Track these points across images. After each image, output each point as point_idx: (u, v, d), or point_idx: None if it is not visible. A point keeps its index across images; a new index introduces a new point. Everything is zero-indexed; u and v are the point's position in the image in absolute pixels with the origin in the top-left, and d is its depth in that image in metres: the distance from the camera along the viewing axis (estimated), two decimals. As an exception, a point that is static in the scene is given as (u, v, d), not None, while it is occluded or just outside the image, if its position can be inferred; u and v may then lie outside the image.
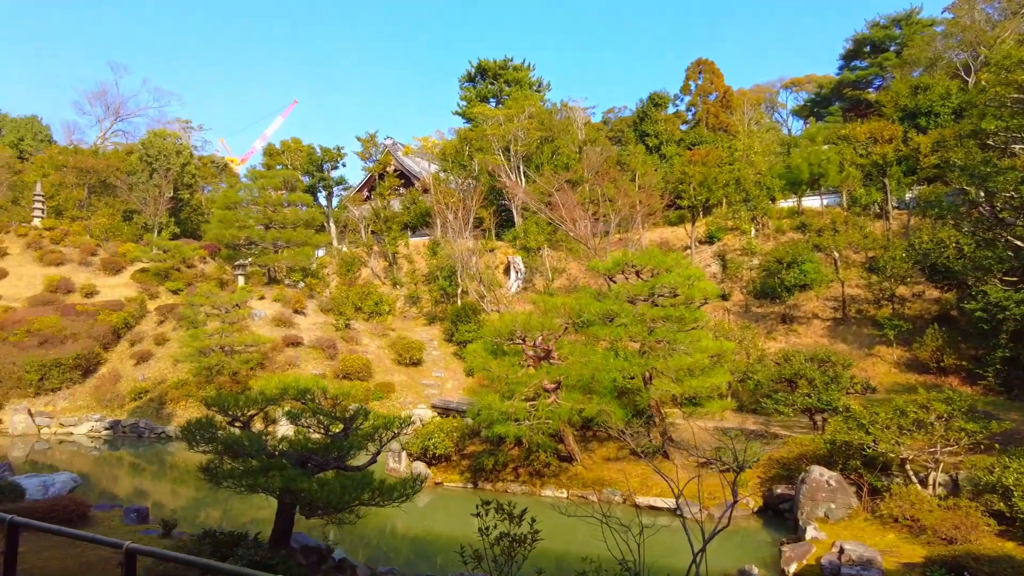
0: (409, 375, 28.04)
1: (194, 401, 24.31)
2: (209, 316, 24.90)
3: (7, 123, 75.23)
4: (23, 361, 25.39)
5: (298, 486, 7.55)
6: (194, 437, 9.33)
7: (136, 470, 21.96)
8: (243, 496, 18.60)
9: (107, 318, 29.20)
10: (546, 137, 46.94)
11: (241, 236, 30.45)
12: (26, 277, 34.10)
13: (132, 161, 50.80)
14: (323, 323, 30.71)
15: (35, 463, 22.76)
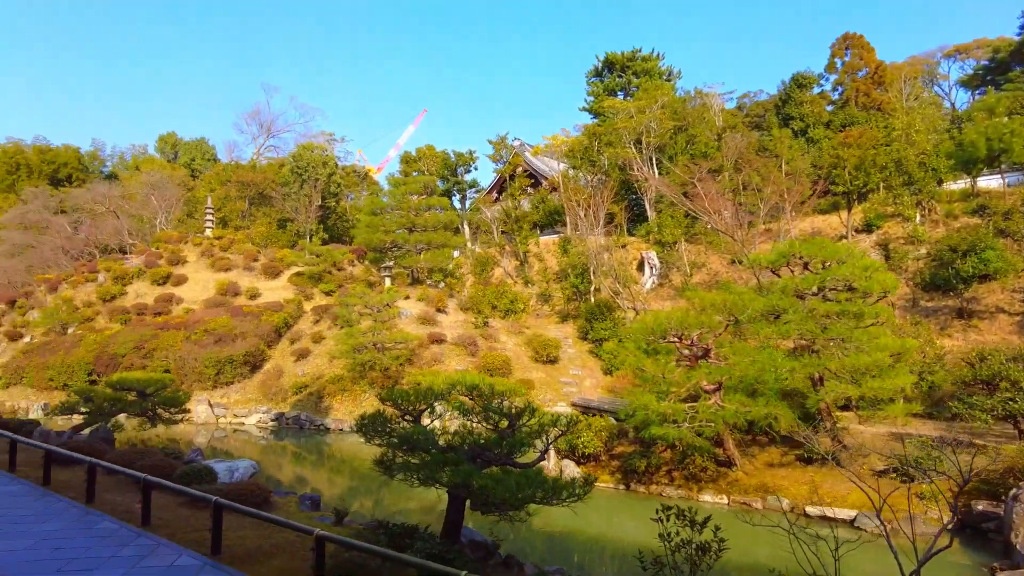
0: (547, 372, 28.00)
1: (349, 395, 25.75)
2: (362, 315, 26.28)
3: (181, 146, 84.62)
4: (203, 357, 28.17)
5: (477, 482, 7.51)
6: (368, 431, 9.64)
7: (298, 459, 23.56)
8: (392, 486, 19.35)
9: (269, 318, 31.73)
10: (679, 127, 45.30)
11: (387, 240, 31.94)
12: (201, 282, 37.98)
13: (284, 173, 55.09)
14: (463, 321, 31.48)
15: (214, 449, 25.12)
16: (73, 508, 11.19)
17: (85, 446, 15.51)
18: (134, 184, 60.39)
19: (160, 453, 15.51)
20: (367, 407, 25.31)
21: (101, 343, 30.22)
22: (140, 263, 39.63)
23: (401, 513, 17.42)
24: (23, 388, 30.21)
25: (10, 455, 14.29)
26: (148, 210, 56.82)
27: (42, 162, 76.29)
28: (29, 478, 13.54)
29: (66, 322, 34.50)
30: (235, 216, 50.50)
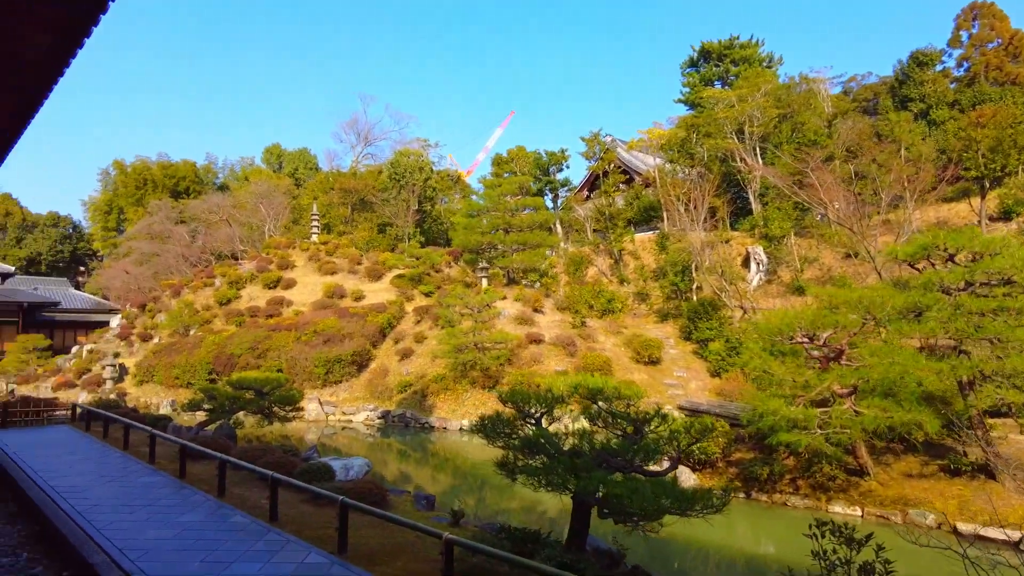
0: (649, 374, 27.15)
1: (451, 394, 26.01)
2: (462, 316, 26.50)
3: (285, 156, 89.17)
4: (313, 357, 29.34)
5: (612, 490, 7.12)
6: (489, 432, 9.46)
7: (403, 456, 23.99)
8: (492, 486, 19.24)
9: (374, 319, 32.66)
10: (784, 114, 43.00)
11: (483, 241, 32.10)
12: (309, 285, 39.73)
13: (383, 179, 56.87)
14: (559, 321, 31.13)
15: (324, 446, 26.04)
16: (207, 501, 11.70)
17: (212, 442, 16.37)
18: (244, 194, 64.10)
19: (279, 451, 16.13)
20: (468, 406, 25.48)
21: (219, 344, 32.11)
22: (252, 268, 41.96)
23: (503, 513, 17.31)
24: (153, 385, 32.60)
25: (150, 448, 15.25)
26: (257, 218, 60.15)
27: (164, 177, 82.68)
28: (166, 470, 14.35)
29: (188, 324, 36.99)
30: (338, 222, 52.59)
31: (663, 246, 41.53)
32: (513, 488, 19.43)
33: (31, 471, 13.69)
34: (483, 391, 25.77)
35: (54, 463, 14.58)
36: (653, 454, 8.18)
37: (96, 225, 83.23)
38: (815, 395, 12.85)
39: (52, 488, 12.11)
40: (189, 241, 62.59)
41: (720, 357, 27.52)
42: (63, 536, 9.37)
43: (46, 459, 15.06)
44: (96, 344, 38.36)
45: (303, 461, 15.46)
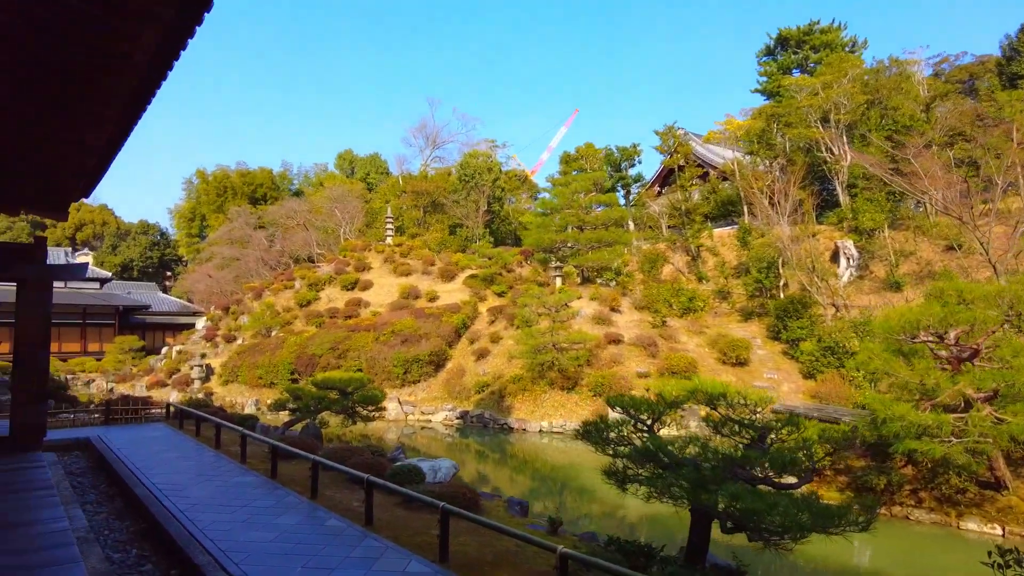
0: (737, 376, 25.88)
1: (529, 395, 25.55)
2: (540, 316, 26.00)
3: (357, 162, 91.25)
4: (391, 357, 29.52)
5: (748, 505, 6.40)
6: (594, 438, 8.88)
7: (481, 457, 23.67)
8: (572, 488, 18.59)
9: (449, 319, 32.62)
10: (872, 100, 40.50)
11: (556, 239, 31.50)
12: (385, 286, 40.22)
13: (452, 181, 57.18)
14: (638, 320, 30.20)
15: (403, 446, 26.08)
16: (301, 503, 11.60)
17: (300, 441, 16.45)
18: (319, 199, 65.81)
19: (367, 451, 16.03)
20: (547, 407, 24.93)
21: (300, 344, 32.79)
22: (331, 270, 42.88)
23: (586, 518, 16.69)
24: (238, 385, 33.62)
25: (241, 448, 15.41)
26: (332, 222, 61.64)
27: (243, 184, 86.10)
28: (258, 470, 14.43)
29: (270, 325, 38.07)
30: (411, 224, 53.21)
31: (745, 242, 39.84)
32: (593, 492, 18.82)
33: (135, 468, 14.03)
34: (562, 392, 25.19)
35: (154, 460, 14.92)
36: (787, 465, 7.36)
37: (181, 232, 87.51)
38: (945, 399, 11.61)
39: (155, 485, 12.31)
40: (267, 245, 64.76)
41: (814, 358, 25.97)
42: (169, 535, 9.40)
43: (147, 456, 15.45)
44: (184, 345, 40.02)
45: (390, 462, 15.31)
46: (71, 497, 11.14)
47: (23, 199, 11.89)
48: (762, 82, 56.53)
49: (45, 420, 11.91)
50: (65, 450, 16.62)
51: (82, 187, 10.91)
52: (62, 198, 11.61)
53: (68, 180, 10.24)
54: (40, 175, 10.06)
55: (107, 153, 8.58)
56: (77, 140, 7.90)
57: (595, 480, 19.37)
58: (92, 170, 9.56)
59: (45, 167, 9.40)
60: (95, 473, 14.93)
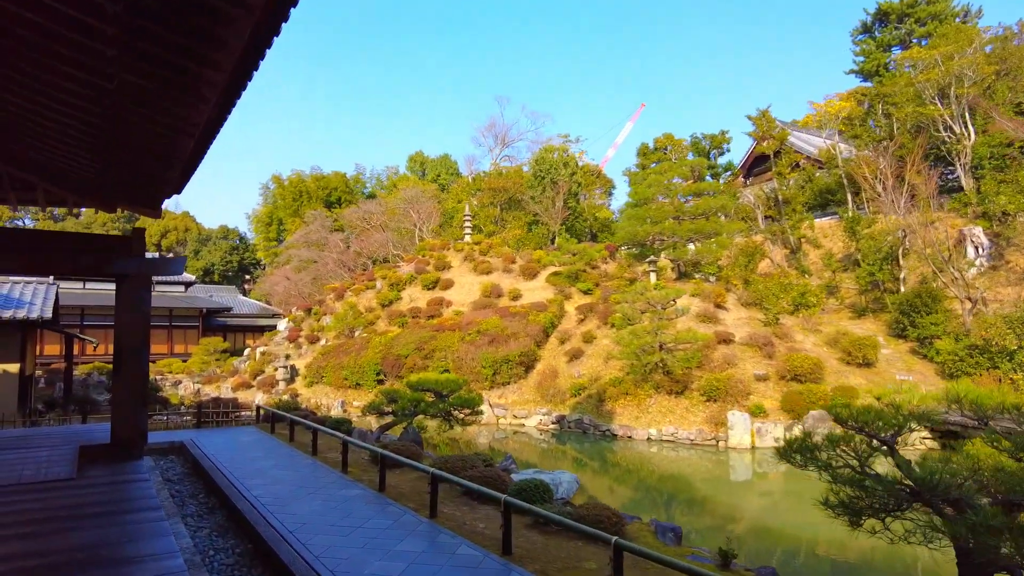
0: (866, 378, 23.17)
1: (632, 399, 23.61)
2: (644, 313, 24.01)
3: (428, 163, 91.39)
4: (480, 357, 28.16)
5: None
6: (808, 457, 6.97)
7: (584, 466, 21.87)
8: (679, 505, 16.53)
9: (535, 318, 31.04)
10: (999, 71, 36.50)
11: (652, 232, 29.38)
12: (466, 285, 39.09)
13: (527, 177, 55.73)
14: (747, 318, 27.74)
15: (493, 451, 24.60)
16: (421, 524, 10.15)
17: (404, 449, 15.10)
18: (393, 200, 65.80)
19: (479, 461, 14.55)
20: (654, 413, 22.94)
21: (385, 345, 31.92)
22: (411, 270, 42.13)
23: (698, 534, 14.68)
24: (323, 386, 33.06)
25: (343, 456, 14.20)
26: (407, 223, 61.37)
27: (318, 188, 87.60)
28: (362, 481, 13.18)
29: (353, 326, 37.52)
30: (487, 222, 52.09)
31: (853, 232, 36.55)
32: (742, 512, 16.74)
33: (232, 477, 13.03)
34: (669, 396, 23.12)
35: (250, 468, 13.91)
36: None
37: (259, 236, 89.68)
38: None
39: (256, 499, 11.16)
40: (344, 247, 65.19)
41: (957, 357, 22.94)
42: (282, 563, 8.11)
43: (242, 463, 14.47)
44: (267, 347, 40.02)
45: (505, 474, 13.79)
46: (173, 509, 10.13)
47: (120, 194, 11.05)
48: (859, 62, 52.61)
49: (147, 427, 10.94)
50: (161, 454, 15.93)
51: (177, 179, 10.07)
52: (157, 191, 10.71)
53: (165, 170, 9.31)
54: (139, 165, 9.24)
55: (204, 137, 7.56)
56: (181, 117, 6.91)
57: (739, 498, 17.25)
58: (189, 157, 8.50)
59: (145, 155, 8.55)
60: (191, 480, 14.04)
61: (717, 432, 21.07)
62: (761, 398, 22.08)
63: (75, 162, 9.93)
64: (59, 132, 8.13)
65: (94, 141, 8.14)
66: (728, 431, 20.62)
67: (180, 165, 9.36)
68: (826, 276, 37.27)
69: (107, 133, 7.55)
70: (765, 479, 18.65)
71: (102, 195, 12.16)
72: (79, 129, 7.68)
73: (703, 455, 20.44)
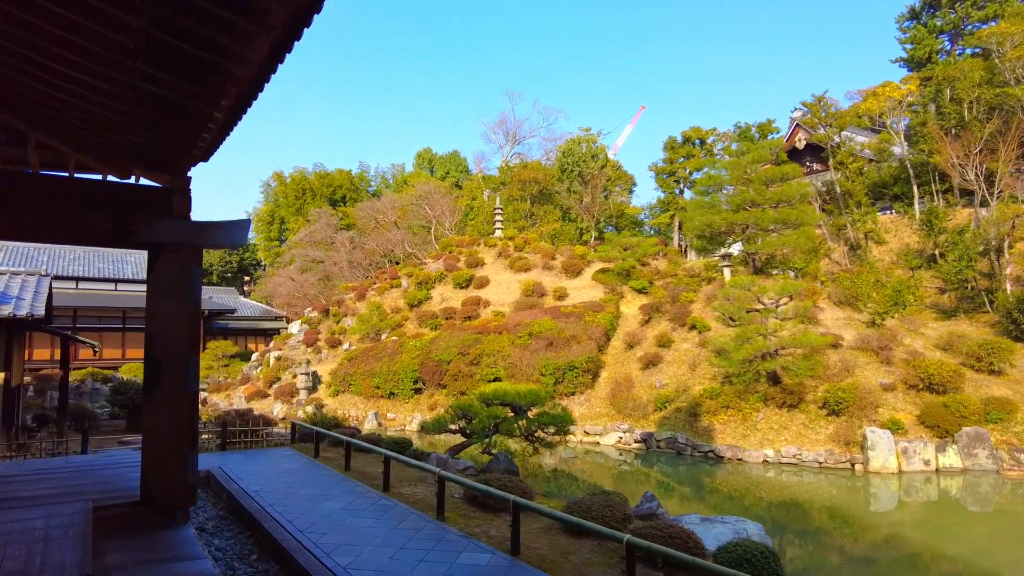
0: (1010, 388, 19.73)
1: (735, 413, 20.01)
2: (748, 314, 20.44)
3: (436, 160, 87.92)
4: (537, 364, 24.53)
5: None
6: None
7: (667, 490, 18.23)
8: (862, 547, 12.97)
9: (593, 319, 27.44)
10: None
11: (735, 220, 25.83)
12: (503, 283, 35.46)
13: (552, 170, 52.29)
14: (844, 319, 24.27)
15: (556, 472, 20.95)
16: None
17: (510, 483, 11.44)
18: (405, 197, 62.40)
19: (616, 502, 10.92)
20: (764, 430, 19.37)
21: (422, 349, 28.25)
22: (441, 267, 38.44)
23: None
24: (351, 396, 29.34)
25: (438, 498, 10.51)
26: (421, 220, 57.85)
27: (322, 186, 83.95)
28: (476, 535, 9.56)
29: (379, 328, 33.81)
30: (517, 216, 48.52)
31: (930, 225, 33.26)
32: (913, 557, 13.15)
33: (297, 532, 9.39)
34: (780, 410, 19.55)
35: (314, 514, 10.26)
36: None
37: (260, 235, 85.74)
38: None
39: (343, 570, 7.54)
40: (351, 247, 61.65)
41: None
42: None
43: (300, 506, 10.77)
44: (282, 351, 36.20)
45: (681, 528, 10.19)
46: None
47: (136, 155, 7.49)
48: (909, 49, 49.52)
49: (196, 477, 7.27)
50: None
51: (203, 147, 6.88)
52: (181, 156, 7.19)
53: (191, 133, 6.45)
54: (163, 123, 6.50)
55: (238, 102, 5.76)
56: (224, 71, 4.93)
57: (945, 541, 13.37)
58: (220, 123, 6.15)
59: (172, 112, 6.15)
60: (233, 529, 10.34)
61: (851, 453, 17.53)
62: (892, 411, 18.59)
63: (82, 100, 6.51)
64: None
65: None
66: (868, 452, 17.08)
67: (207, 134, 6.43)
68: (896, 274, 33.94)
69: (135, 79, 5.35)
70: (948, 513, 15.07)
71: (113, 151, 8.56)
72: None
73: (839, 481, 16.87)
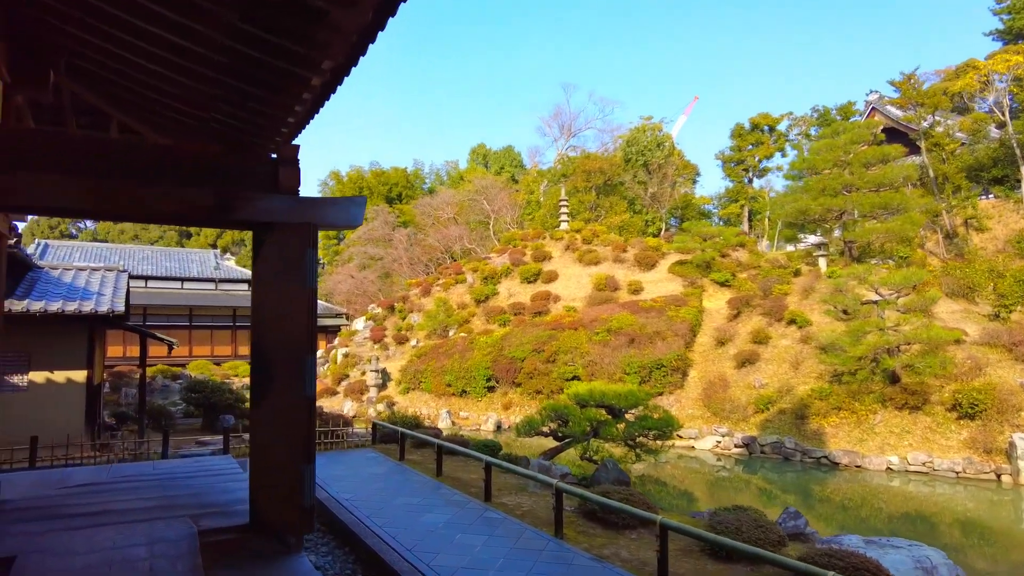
0: None
1: (849, 416, 18.15)
2: (865, 305, 18.55)
3: (491, 155, 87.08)
4: (620, 362, 23.09)
5: None
6: None
7: (770, 499, 16.55)
8: None
9: (676, 314, 25.80)
10: None
11: (833, 205, 23.76)
12: (572, 277, 34.10)
13: (617, 159, 50.56)
14: (961, 311, 22.00)
15: (643, 477, 19.44)
16: None
17: (626, 495, 10.11)
18: (462, 192, 61.75)
19: (752, 517, 9.49)
20: (883, 434, 17.45)
21: (493, 346, 27.17)
22: (505, 261, 37.34)
23: None
24: (421, 393, 28.52)
25: (556, 513, 9.24)
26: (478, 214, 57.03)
27: (378, 183, 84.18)
28: (606, 556, 8.29)
29: (446, 324, 32.94)
30: (582, 208, 47.04)
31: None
32: None
33: (405, 551, 8.32)
34: (901, 412, 17.59)
35: (418, 529, 9.17)
36: None
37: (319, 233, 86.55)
38: None
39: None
40: (408, 244, 61.42)
41: None
42: None
43: (399, 518, 9.68)
44: (349, 348, 35.75)
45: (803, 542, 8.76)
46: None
47: (225, 125, 6.58)
48: (1006, 20, 45.75)
49: (313, 499, 6.21)
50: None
51: (293, 124, 6.08)
52: (271, 130, 6.18)
53: (283, 106, 5.79)
54: (257, 91, 5.82)
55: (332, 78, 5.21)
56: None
57: None
58: (314, 95, 5.53)
59: (268, 78, 5.52)
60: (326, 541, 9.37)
61: (995, 462, 15.51)
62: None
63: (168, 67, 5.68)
64: None
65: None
66: (1018, 462, 15.05)
67: (298, 107, 5.69)
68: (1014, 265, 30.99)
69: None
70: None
71: (200, 130, 7.68)
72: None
73: (987, 495, 14.91)
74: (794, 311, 23.51)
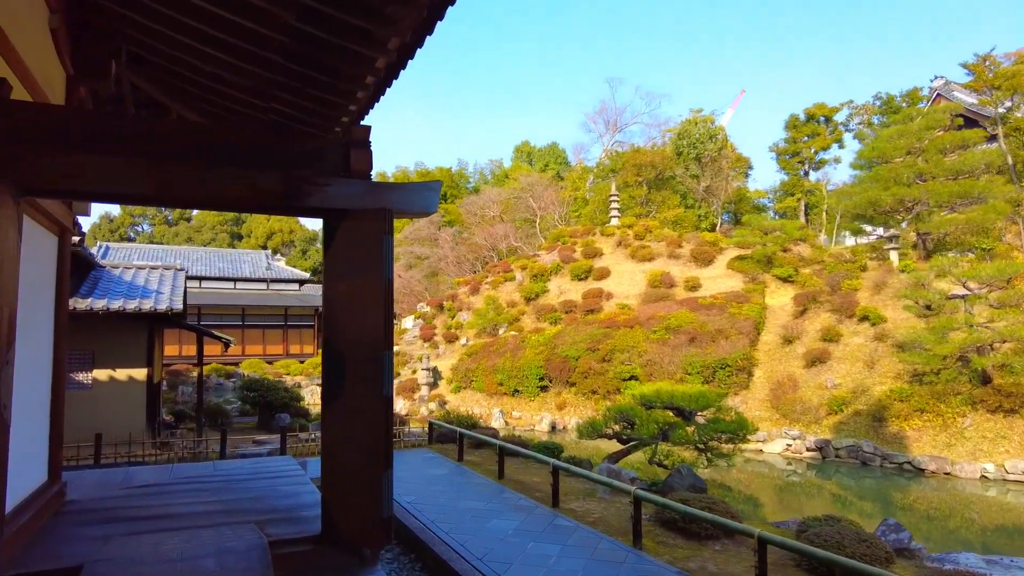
0: None
1: (933, 418, 16.92)
2: (951, 300, 17.30)
3: (535, 153, 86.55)
4: (681, 361, 22.20)
5: None
6: None
7: (859, 511, 15.42)
8: None
9: (738, 311, 24.73)
10: None
11: (905, 195, 22.37)
12: (625, 274, 33.25)
13: (669, 153, 49.39)
14: (1054, 307, 20.35)
15: (707, 482, 18.48)
16: None
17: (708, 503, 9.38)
18: (507, 190, 61.41)
19: (857, 535, 8.66)
20: (974, 439, 16.20)
21: (546, 344, 26.58)
22: (555, 258, 36.72)
23: None
24: (472, 392, 28.14)
25: (634, 522, 8.65)
26: (524, 212, 56.54)
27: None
28: (693, 572, 7.66)
29: (496, 323, 32.51)
30: (632, 203, 46.07)
31: None
32: None
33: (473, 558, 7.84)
34: (995, 416, 16.29)
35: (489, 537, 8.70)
36: None
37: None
38: None
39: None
40: (454, 243, 61.40)
41: None
42: None
43: (468, 526, 9.22)
44: (399, 346, 35.67)
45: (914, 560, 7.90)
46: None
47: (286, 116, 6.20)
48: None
49: (391, 508, 5.71)
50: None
51: (359, 105, 5.78)
52: (335, 112, 5.70)
53: (349, 86, 5.48)
54: (321, 77, 5.53)
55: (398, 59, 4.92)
56: None
57: None
58: (378, 78, 5.27)
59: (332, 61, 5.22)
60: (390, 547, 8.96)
61: (1109, 473, 14.16)
62: None
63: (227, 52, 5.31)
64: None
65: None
66: None
67: (363, 90, 5.45)
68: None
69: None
70: None
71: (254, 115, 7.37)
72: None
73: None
74: (866, 307, 22.19)
